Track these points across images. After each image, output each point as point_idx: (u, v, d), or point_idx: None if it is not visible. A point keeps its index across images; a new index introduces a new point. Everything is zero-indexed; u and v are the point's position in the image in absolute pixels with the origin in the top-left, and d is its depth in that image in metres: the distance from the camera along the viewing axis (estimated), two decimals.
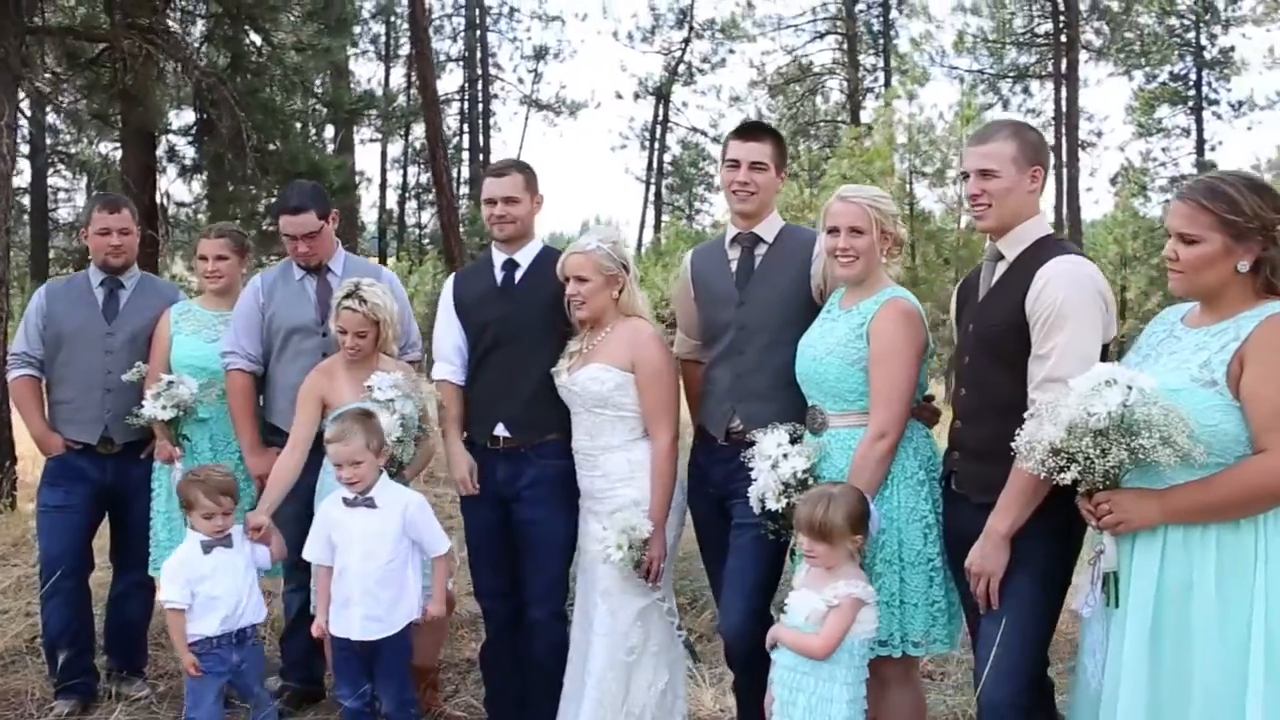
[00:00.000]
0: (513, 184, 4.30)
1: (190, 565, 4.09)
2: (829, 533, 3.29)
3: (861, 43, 33.99)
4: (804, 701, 3.32)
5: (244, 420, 4.76)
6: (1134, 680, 2.86)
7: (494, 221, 4.34)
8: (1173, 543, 2.84)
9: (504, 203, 4.29)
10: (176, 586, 4.05)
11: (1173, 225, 2.87)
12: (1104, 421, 2.73)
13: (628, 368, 4.00)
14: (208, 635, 4.04)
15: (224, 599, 4.08)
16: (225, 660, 4.09)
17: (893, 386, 3.49)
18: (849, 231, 3.57)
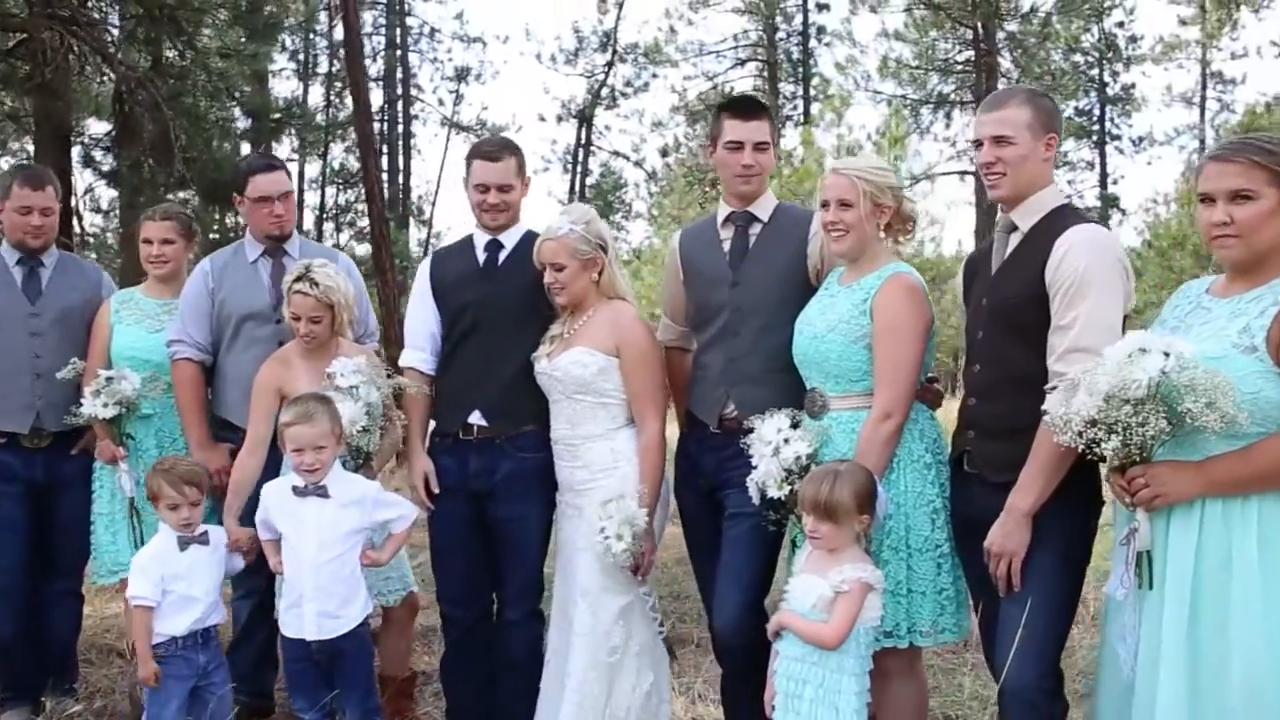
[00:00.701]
0: (507, 169, 4.06)
1: (165, 561, 3.81)
2: (834, 511, 3.12)
3: (781, 70, 34.33)
4: (811, 693, 3.14)
5: (193, 414, 4.44)
6: (1173, 664, 2.73)
7: (485, 209, 4.11)
8: (1211, 516, 2.72)
9: (498, 190, 4.06)
10: (149, 582, 3.76)
11: (1223, 186, 2.73)
12: (1144, 389, 2.61)
13: (611, 352, 3.81)
14: (175, 635, 3.77)
15: (200, 599, 3.82)
16: (192, 663, 3.81)
17: (898, 364, 3.35)
18: (838, 204, 3.44)
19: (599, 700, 3.81)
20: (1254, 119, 19.63)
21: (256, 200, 4.44)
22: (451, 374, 4.09)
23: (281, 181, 4.48)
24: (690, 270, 3.93)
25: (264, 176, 4.44)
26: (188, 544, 3.84)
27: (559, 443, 3.94)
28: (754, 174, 3.78)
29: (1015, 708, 2.97)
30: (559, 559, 4.02)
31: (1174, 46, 33.29)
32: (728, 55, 33.58)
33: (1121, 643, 2.89)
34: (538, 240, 3.90)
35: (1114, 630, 2.93)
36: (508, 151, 4.10)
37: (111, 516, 4.54)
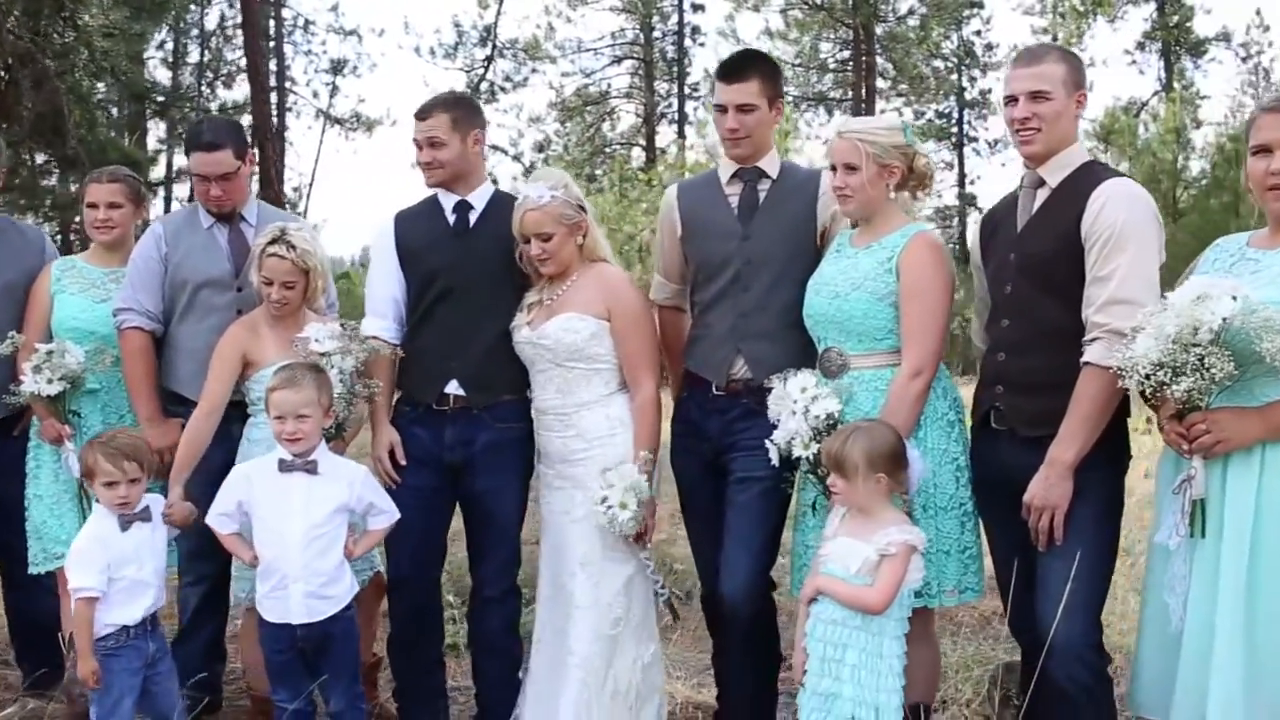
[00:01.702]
0: (436, 125, 3.84)
1: (109, 545, 3.47)
2: (843, 466, 3.05)
3: (657, 69, 34.48)
4: (852, 657, 3.04)
5: (143, 387, 4.09)
6: (1232, 613, 2.74)
7: (422, 168, 3.93)
8: (1271, 462, 2.75)
9: (429, 146, 3.86)
10: (93, 571, 3.41)
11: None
12: (1214, 331, 2.64)
13: (602, 315, 3.66)
14: (127, 624, 3.46)
15: (152, 581, 3.52)
16: (143, 652, 3.50)
17: (928, 322, 3.29)
18: (843, 168, 3.38)
19: (600, 675, 3.66)
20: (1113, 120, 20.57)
21: (195, 176, 4.15)
22: (424, 342, 3.87)
23: (220, 162, 4.08)
24: (693, 224, 3.79)
25: (202, 156, 4.09)
26: (130, 523, 3.52)
27: (548, 413, 3.77)
28: (740, 137, 3.67)
29: (1065, 661, 2.94)
30: (546, 533, 3.85)
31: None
32: (605, 53, 33.58)
33: (1171, 593, 2.89)
34: (517, 212, 3.70)
35: (1163, 580, 2.92)
36: (439, 107, 3.87)
37: (56, 499, 4.18)
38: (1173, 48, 28.93)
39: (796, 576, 3.57)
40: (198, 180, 4.15)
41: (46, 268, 4.31)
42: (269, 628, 3.50)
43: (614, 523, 3.54)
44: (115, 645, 3.44)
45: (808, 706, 3.12)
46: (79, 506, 4.09)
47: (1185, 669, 2.85)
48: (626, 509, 3.51)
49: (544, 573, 3.87)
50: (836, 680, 3.06)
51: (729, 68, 3.72)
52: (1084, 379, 2.97)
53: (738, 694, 3.66)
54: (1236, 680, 2.73)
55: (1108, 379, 2.93)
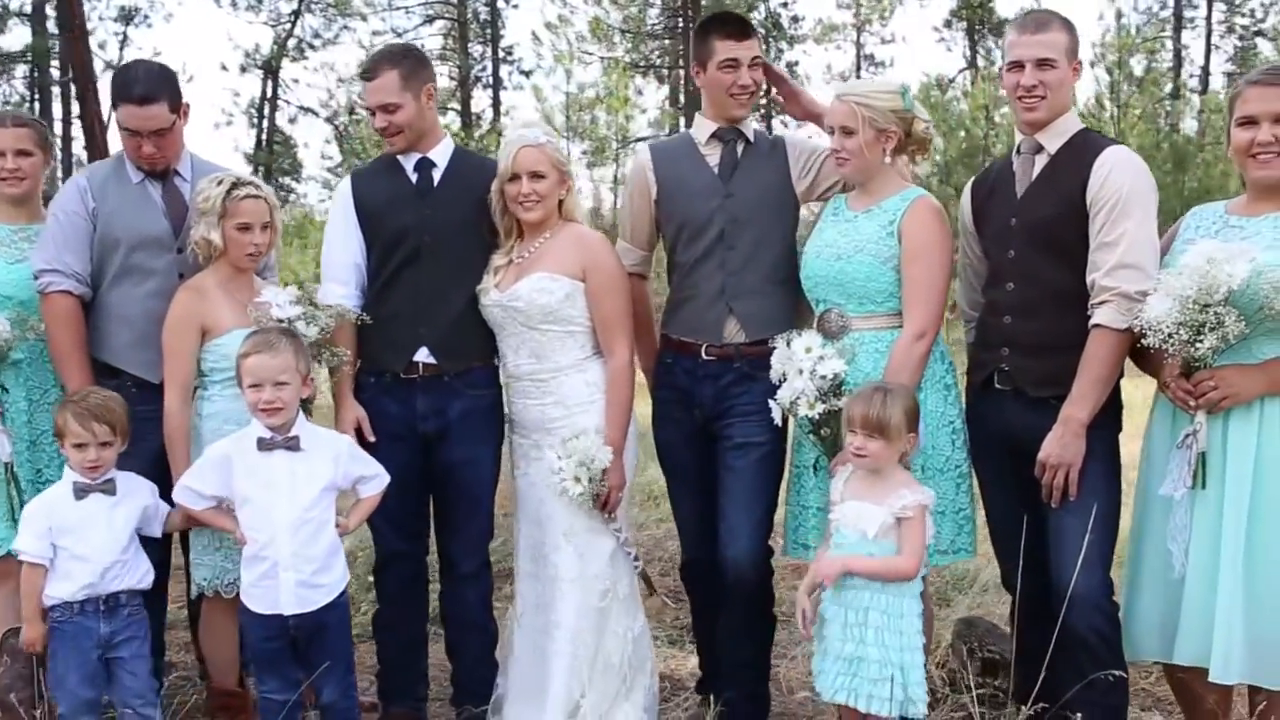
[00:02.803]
0: (385, 86, 3.64)
1: (55, 511, 3.28)
2: (886, 428, 3.08)
3: (471, 31, 33.79)
4: (876, 620, 3.08)
5: (74, 357, 3.71)
6: (1234, 558, 2.93)
7: (379, 132, 3.75)
8: (1270, 415, 2.94)
9: (381, 111, 3.67)
10: (34, 535, 3.27)
11: (1268, 108, 2.97)
12: (1230, 293, 2.80)
13: (578, 276, 3.57)
14: (66, 600, 3.26)
15: (92, 558, 3.28)
16: (90, 631, 3.29)
17: (931, 285, 3.36)
18: (840, 131, 3.41)
19: (591, 648, 3.60)
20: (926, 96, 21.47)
21: (124, 130, 3.78)
22: (390, 308, 3.68)
23: (153, 117, 3.71)
24: (670, 185, 3.72)
25: (132, 110, 3.72)
26: (85, 492, 3.31)
27: (522, 379, 3.66)
28: (751, 92, 3.66)
29: (1086, 611, 3.07)
30: (524, 505, 3.75)
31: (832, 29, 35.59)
32: (417, 11, 32.65)
33: (1173, 541, 3.06)
34: (510, 149, 3.57)
35: (1162, 530, 3.09)
36: (387, 63, 3.67)
37: None
38: (977, 27, 30.41)
39: (791, 537, 3.60)
40: (127, 135, 3.79)
41: None
42: (257, 618, 3.29)
43: (564, 495, 3.49)
44: (59, 619, 3.28)
45: (831, 671, 3.14)
46: (6, 493, 3.71)
47: (1188, 612, 3.03)
48: (579, 482, 3.47)
49: (522, 547, 3.77)
50: (861, 644, 3.09)
51: (735, 26, 3.69)
52: (1095, 340, 3.08)
53: (736, 658, 3.66)
54: (1238, 620, 2.93)
55: (1118, 340, 3.07)
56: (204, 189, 3.65)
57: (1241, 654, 2.93)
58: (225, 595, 3.62)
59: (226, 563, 3.59)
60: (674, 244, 3.75)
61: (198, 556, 3.63)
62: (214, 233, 3.58)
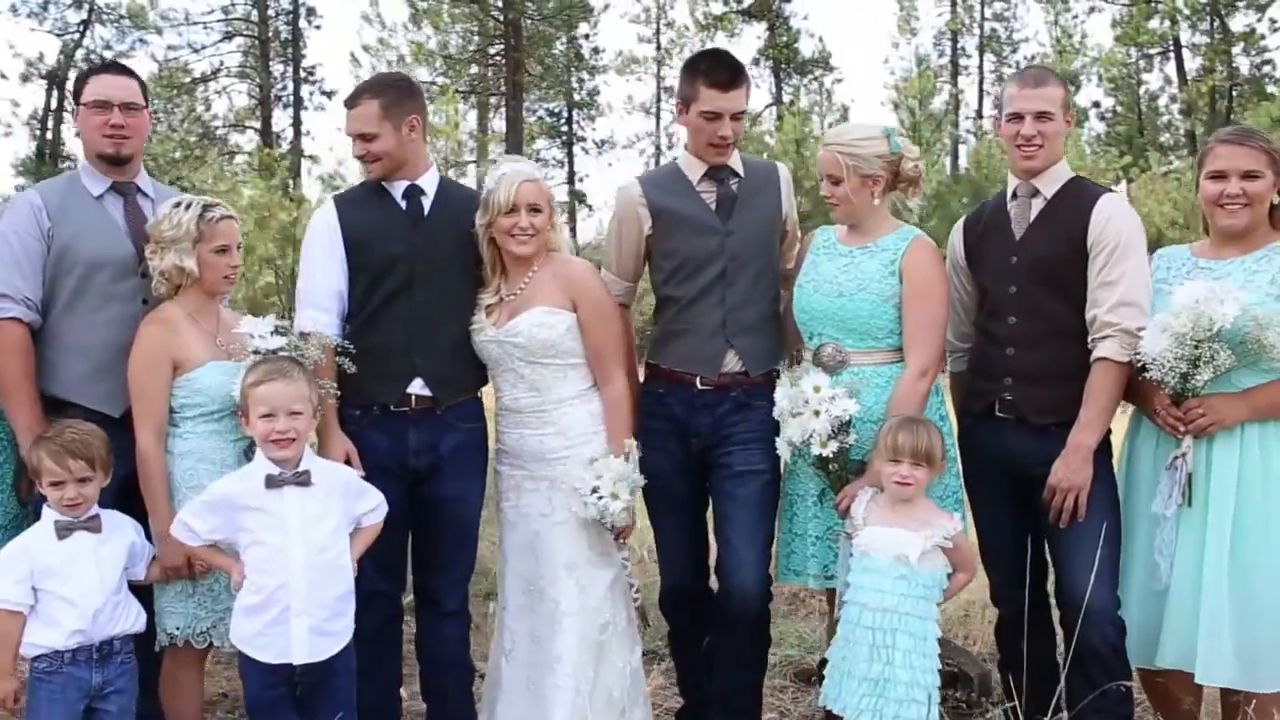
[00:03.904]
0: (364, 115, 3.56)
1: (35, 553, 3.05)
2: (933, 457, 3.22)
3: (272, 49, 32.71)
4: (904, 643, 3.19)
5: (23, 390, 3.40)
6: (1218, 568, 3.18)
7: (360, 158, 3.66)
8: (1249, 439, 3.23)
9: (359, 140, 3.58)
10: (13, 580, 3.03)
11: (1237, 165, 3.28)
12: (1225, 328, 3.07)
13: (569, 307, 3.55)
14: (56, 648, 3.03)
15: (79, 601, 3.06)
16: (81, 682, 3.07)
17: (933, 323, 3.48)
18: (828, 180, 3.54)
19: (592, 682, 3.54)
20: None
21: (91, 105, 3.52)
22: (380, 338, 3.54)
23: (127, 87, 3.55)
24: (668, 220, 3.71)
25: (105, 79, 3.53)
26: (69, 530, 3.09)
27: (521, 412, 3.60)
28: (729, 145, 3.68)
29: (1100, 624, 3.24)
30: (513, 537, 3.66)
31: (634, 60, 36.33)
32: (216, 27, 31.38)
33: (1160, 555, 3.29)
34: (510, 183, 3.50)
35: (1149, 545, 3.32)
36: (368, 93, 3.61)
37: None
38: (782, 65, 31.64)
39: (784, 564, 3.65)
40: (93, 111, 3.52)
41: None
42: (260, 666, 3.09)
43: (605, 514, 3.45)
44: (46, 669, 3.04)
45: (856, 693, 3.21)
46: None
47: (1173, 619, 3.27)
48: (618, 499, 3.45)
49: (511, 580, 3.68)
50: (889, 665, 3.18)
51: (724, 76, 3.65)
52: (1100, 372, 3.29)
53: (734, 684, 3.65)
54: (1224, 627, 3.18)
55: (1120, 372, 3.30)
56: (170, 214, 3.43)
57: (1227, 659, 3.18)
58: (196, 645, 3.39)
59: (199, 610, 3.39)
60: (667, 278, 3.74)
61: (168, 604, 3.37)
62: (188, 259, 3.38)
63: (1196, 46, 30.49)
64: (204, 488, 3.30)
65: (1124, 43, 31.41)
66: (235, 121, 33.01)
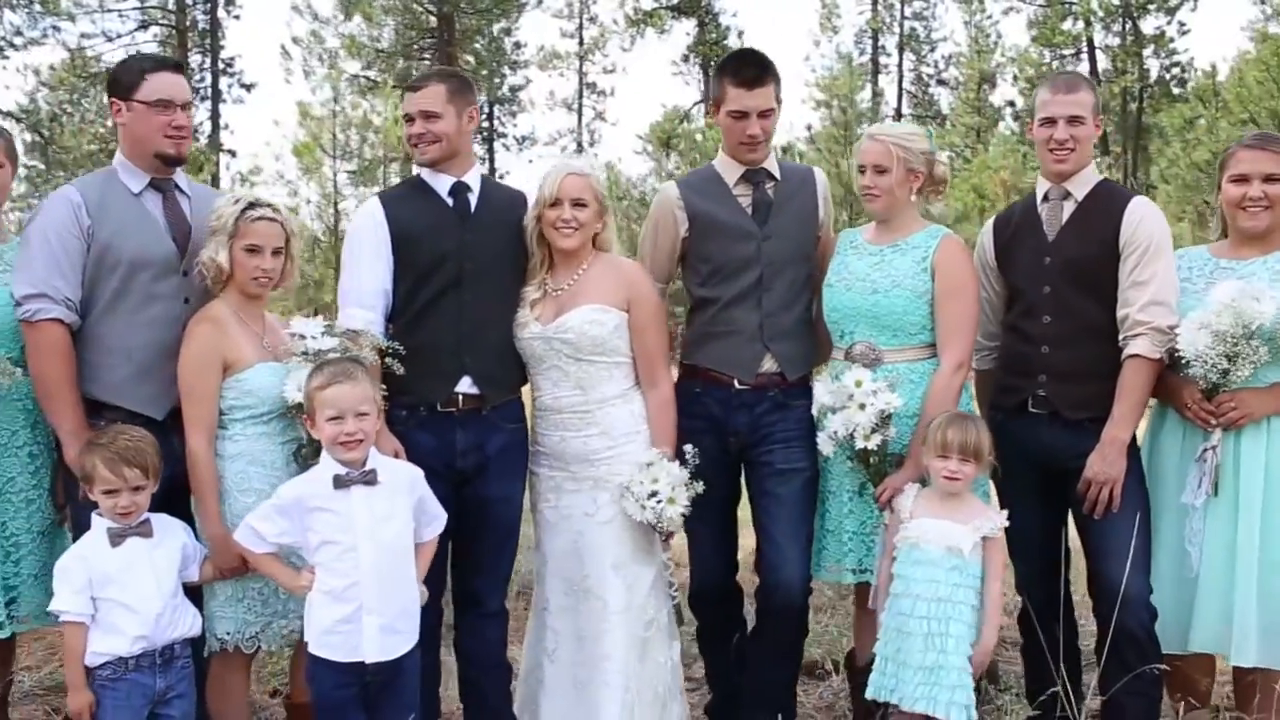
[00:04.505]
0: (432, 96, 3.59)
1: (92, 562, 3.03)
2: (981, 453, 3.33)
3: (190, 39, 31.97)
4: (956, 630, 3.29)
5: (66, 392, 3.33)
6: (1248, 556, 3.36)
7: (413, 142, 3.65)
8: (1275, 431, 3.40)
9: (422, 118, 3.59)
10: (72, 590, 3.01)
11: (1259, 168, 3.47)
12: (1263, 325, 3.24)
13: (623, 307, 3.59)
14: (121, 655, 3.02)
15: (140, 607, 3.05)
16: (146, 689, 3.07)
17: (967, 318, 3.59)
18: (873, 169, 3.62)
19: (639, 679, 3.58)
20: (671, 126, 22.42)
21: (154, 104, 3.45)
22: (428, 337, 3.54)
23: (186, 88, 3.54)
24: (705, 224, 3.77)
25: (166, 76, 3.48)
26: (121, 537, 3.06)
27: (563, 411, 3.62)
28: (760, 143, 3.74)
29: (1137, 610, 3.38)
30: (554, 538, 3.69)
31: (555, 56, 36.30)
32: (131, 16, 30.56)
33: (1190, 544, 3.46)
34: (555, 175, 3.54)
35: (1180, 534, 3.48)
36: (435, 79, 3.67)
37: None
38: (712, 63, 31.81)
39: (816, 560, 3.72)
40: (156, 110, 3.46)
41: None
42: (330, 666, 3.08)
43: (661, 518, 3.49)
44: (111, 677, 3.02)
45: (912, 682, 3.31)
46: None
47: (1203, 605, 3.43)
48: (675, 504, 3.48)
49: (552, 581, 3.70)
50: (942, 653, 3.28)
51: (749, 74, 3.72)
52: (1133, 369, 3.43)
53: (772, 679, 3.74)
54: (1252, 611, 3.35)
55: (1152, 368, 3.44)
56: (219, 206, 3.42)
57: (1257, 641, 3.35)
58: (245, 650, 3.38)
59: (249, 615, 3.37)
60: (704, 281, 3.79)
61: (218, 609, 3.34)
62: (222, 253, 3.35)
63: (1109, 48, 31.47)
64: (255, 490, 3.31)
65: (1040, 43, 32.28)
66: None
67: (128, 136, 3.49)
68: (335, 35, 26.27)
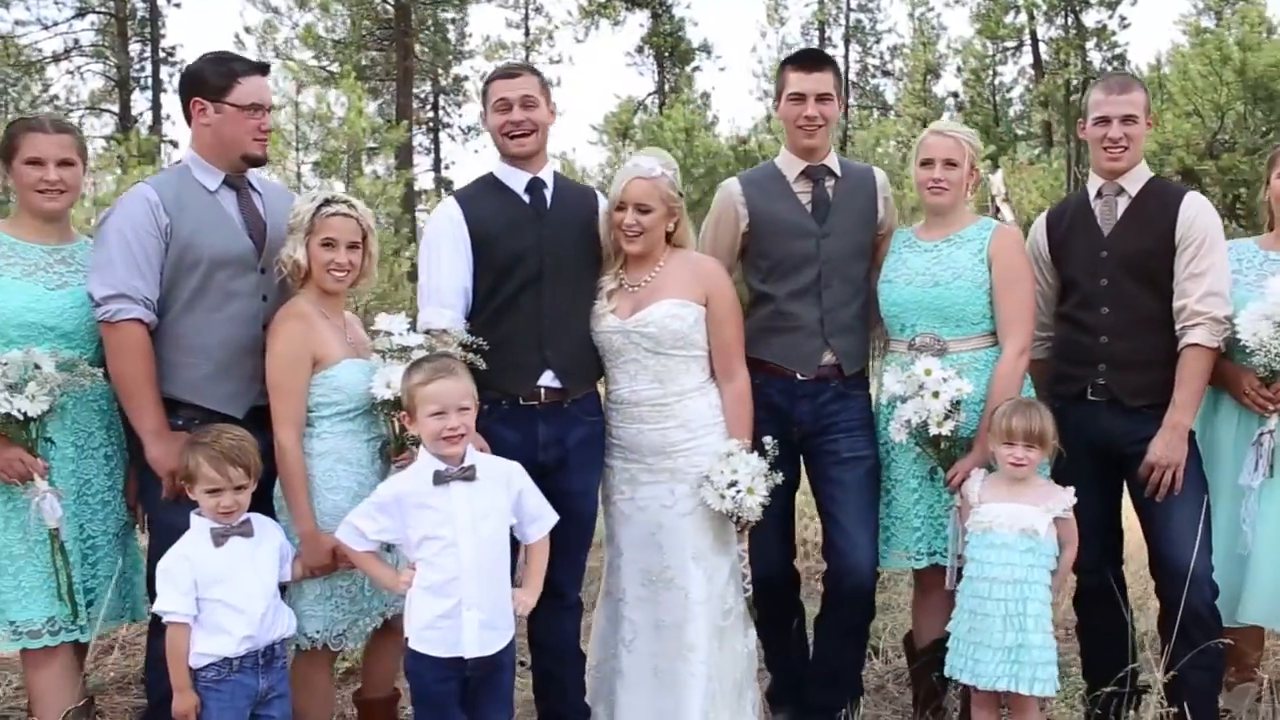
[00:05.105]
0: (529, 84, 3.63)
1: (197, 563, 3.02)
2: (1045, 438, 3.44)
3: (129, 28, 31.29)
4: (1035, 610, 3.40)
5: (148, 392, 3.30)
6: None
7: (508, 130, 3.63)
8: None
9: (521, 105, 3.60)
10: (179, 592, 3.00)
11: None
12: None
13: (701, 301, 3.63)
14: (226, 656, 3.03)
15: (246, 607, 3.07)
16: (249, 689, 3.09)
17: (1026, 305, 3.70)
18: (944, 164, 3.71)
19: (720, 668, 3.65)
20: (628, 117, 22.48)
21: (246, 108, 3.44)
22: (509, 332, 3.56)
23: (270, 91, 3.56)
24: (765, 221, 3.85)
25: (258, 80, 3.48)
26: (224, 537, 3.07)
27: (640, 404, 3.66)
28: (817, 126, 3.81)
29: (1202, 588, 3.51)
30: (630, 530, 3.72)
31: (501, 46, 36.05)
32: (68, 3, 29.78)
33: (1246, 523, 3.61)
34: (623, 178, 3.58)
35: (1235, 514, 3.63)
36: (527, 70, 3.75)
37: (6, 553, 3.28)
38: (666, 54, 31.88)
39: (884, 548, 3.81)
40: (249, 114, 3.46)
41: None
42: (431, 661, 3.09)
43: (741, 508, 3.54)
44: (215, 678, 3.03)
45: (993, 662, 3.40)
46: (52, 563, 3.28)
47: (1257, 581, 3.60)
48: (754, 494, 3.54)
49: (628, 571, 3.74)
50: (1022, 632, 3.38)
51: (808, 58, 3.87)
52: (1193, 357, 3.55)
53: (840, 661, 3.86)
54: None
55: (1210, 356, 3.57)
56: (297, 205, 3.43)
57: None
58: (333, 647, 3.40)
59: (336, 613, 3.39)
60: (764, 276, 3.86)
61: (307, 608, 3.35)
62: (300, 250, 3.36)
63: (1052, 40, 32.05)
64: (343, 489, 3.34)
65: (984, 35, 32.78)
66: (91, 104, 31.48)
67: (212, 136, 3.46)
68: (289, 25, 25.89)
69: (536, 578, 3.26)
